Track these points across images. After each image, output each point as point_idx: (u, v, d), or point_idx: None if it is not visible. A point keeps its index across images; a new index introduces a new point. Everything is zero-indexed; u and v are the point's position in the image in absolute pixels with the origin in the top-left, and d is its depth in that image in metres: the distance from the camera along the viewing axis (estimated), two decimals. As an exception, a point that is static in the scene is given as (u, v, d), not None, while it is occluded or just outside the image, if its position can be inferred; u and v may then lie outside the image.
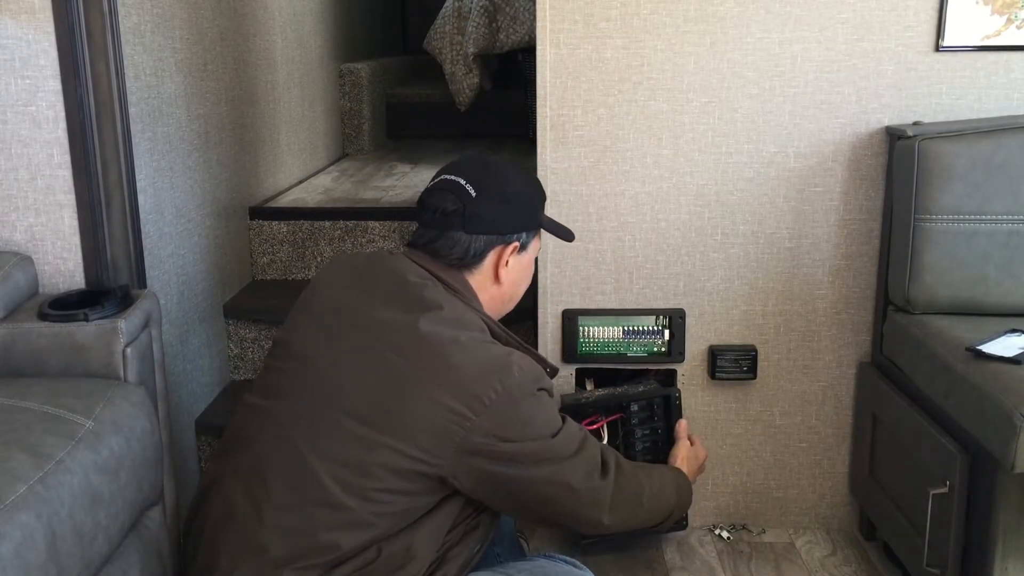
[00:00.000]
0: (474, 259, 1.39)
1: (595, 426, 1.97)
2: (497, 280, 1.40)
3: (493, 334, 1.35)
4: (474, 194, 1.38)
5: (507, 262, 1.40)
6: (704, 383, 2.11)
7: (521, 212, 1.43)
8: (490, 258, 1.39)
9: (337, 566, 1.22)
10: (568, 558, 1.51)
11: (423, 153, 3.91)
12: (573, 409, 1.97)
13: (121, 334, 1.50)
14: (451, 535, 1.33)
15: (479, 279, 1.40)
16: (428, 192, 1.43)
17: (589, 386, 2.12)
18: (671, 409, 1.99)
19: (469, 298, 1.36)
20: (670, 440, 1.97)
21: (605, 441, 1.96)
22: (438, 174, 1.47)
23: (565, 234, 1.58)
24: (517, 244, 1.40)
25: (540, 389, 1.33)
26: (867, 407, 2.03)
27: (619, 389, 2.05)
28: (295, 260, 2.69)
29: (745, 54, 1.95)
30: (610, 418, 1.98)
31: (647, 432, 1.99)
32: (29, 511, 1.10)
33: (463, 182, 1.39)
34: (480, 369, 1.25)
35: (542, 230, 1.51)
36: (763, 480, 2.17)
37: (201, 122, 2.25)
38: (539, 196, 1.54)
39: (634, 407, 1.99)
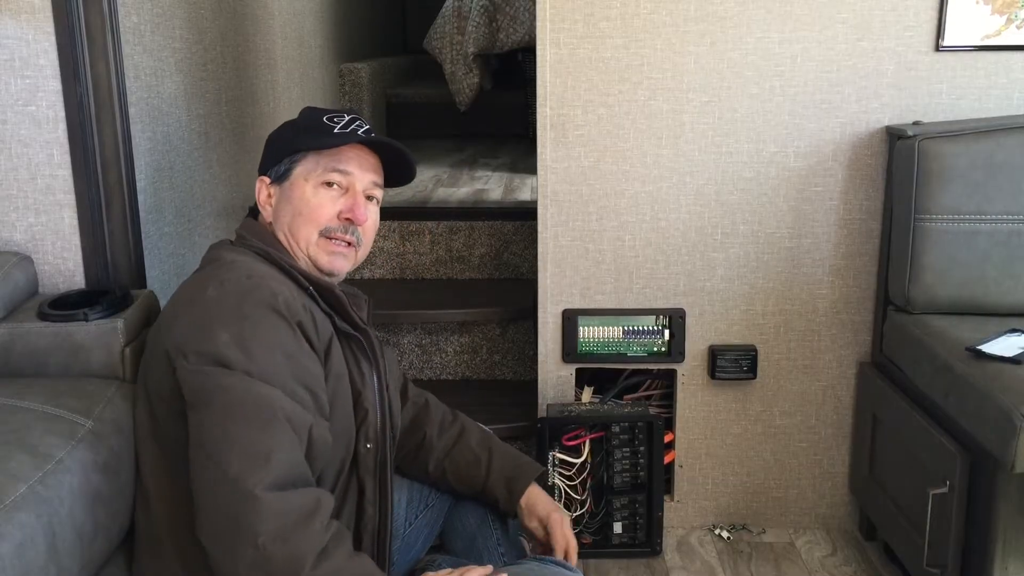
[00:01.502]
0: (256, 203, 1.51)
1: (577, 441, 1.97)
2: (265, 212, 1.49)
3: (269, 259, 1.40)
4: None
5: (269, 194, 1.48)
6: (704, 383, 2.11)
7: (269, 150, 1.51)
8: (258, 196, 1.50)
9: None
10: (560, 560, 1.49)
11: (423, 153, 3.91)
12: (557, 422, 1.97)
13: (121, 334, 1.50)
14: None
15: (262, 217, 1.50)
16: None
17: (586, 394, 2.12)
18: (654, 435, 1.98)
19: (248, 237, 1.46)
20: (650, 466, 1.98)
21: (585, 457, 1.96)
22: None
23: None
24: (267, 178, 1.49)
25: (257, 307, 1.26)
26: (867, 407, 2.03)
27: (605, 406, 2.05)
28: (295, 260, 2.68)
29: (745, 54, 1.95)
30: (593, 435, 1.98)
31: (627, 454, 1.99)
32: (29, 511, 1.10)
33: None
34: (182, 291, 1.37)
35: (314, 153, 1.46)
36: (763, 480, 2.17)
37: (201, 122, 2.25)
38: (287, 131, 1.52)
39: (615, 428, 1.99)
